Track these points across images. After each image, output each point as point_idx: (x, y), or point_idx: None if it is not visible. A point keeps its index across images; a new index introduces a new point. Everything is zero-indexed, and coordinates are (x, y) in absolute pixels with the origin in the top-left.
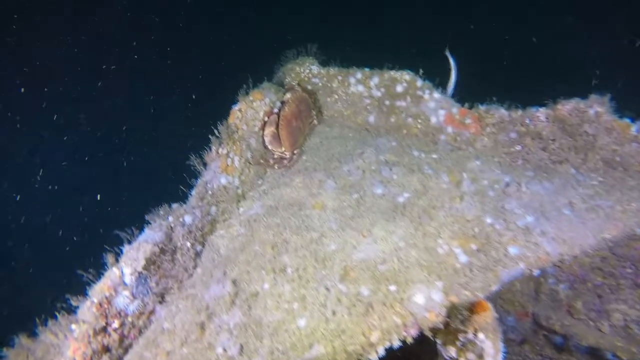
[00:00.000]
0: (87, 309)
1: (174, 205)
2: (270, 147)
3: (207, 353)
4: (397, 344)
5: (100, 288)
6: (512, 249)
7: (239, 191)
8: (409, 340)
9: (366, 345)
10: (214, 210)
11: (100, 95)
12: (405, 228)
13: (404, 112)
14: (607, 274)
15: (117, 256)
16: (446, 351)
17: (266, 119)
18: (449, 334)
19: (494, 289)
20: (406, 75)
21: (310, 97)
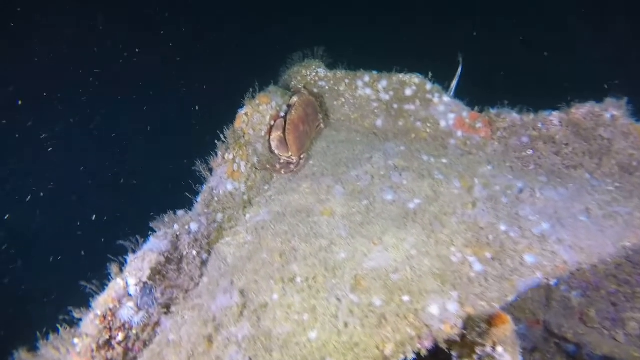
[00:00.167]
0: (91, 321)
1: (180, 213)
2: (277, 151)
3: None
4: (411, 357)
5: (104, 300)
6: (528, 258)
7: (245, 197)
8: (423, 353)
9: (380, 358)
10: (220, 217)
11: (103, 100)
12: (417, 235)
13: (412, 116)
14: (622, 281)
15: (122, 266)
16: None
17: (273, 123)
18: (465, 346)
19: (510, 300)
20: (415, 79)
21: (316, 100)
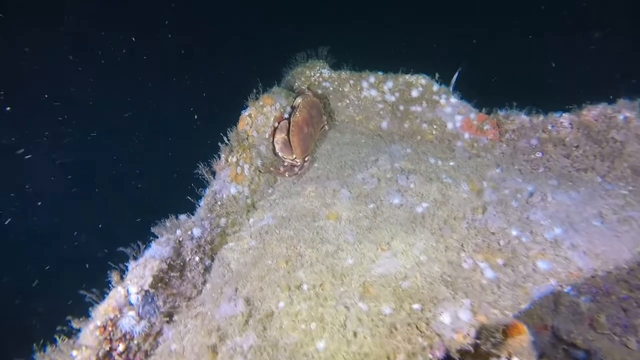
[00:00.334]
0: (90, 332)
1: (182, 217)
2: (280, 154)
3: None
4: None
5: (104, 309)
6: (541, 264)
7: (248, 201)
8: None
9: None
10: (223, 222)
11: (102, 101)
12: (426, 240)
13: (418, 118)
14: (634, 286)
15: (122, 274)
16: None
17: (276, 124)
18: (478, 357)
19: (524, 308)
20: (422, 80)
21: (320, 101)
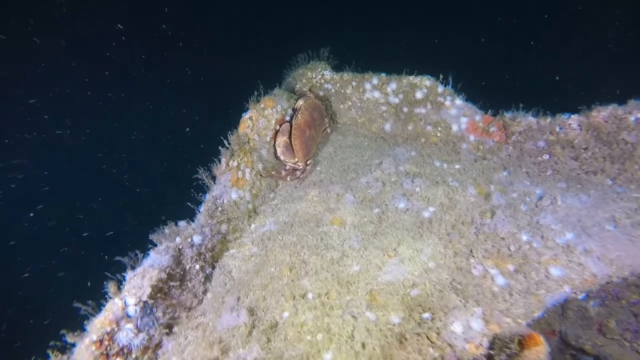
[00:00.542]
0: (86, 347)
1: (181, 224)
2: (282, 157)
3: None
4: None
5: (101, 322)
6: (554, 270)
7: (249, 206)
8: None
9: None
10: (224, 228)
11: (101, 102)
12: (434, 246)
13: (423, 120)
14: None
15: (120, 284)
16: None
17: (278, 127)
18: None
19: (537, 316)
20: (426, 81)
21: (322, 103)
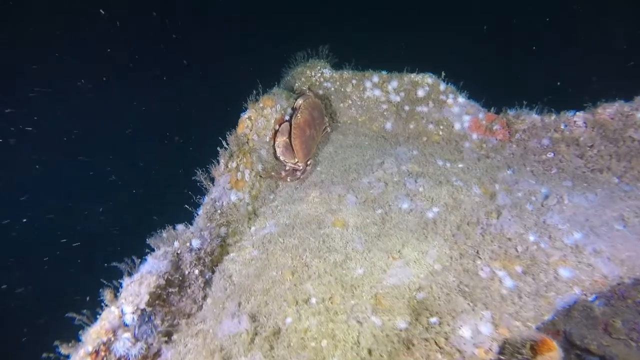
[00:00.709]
0: (80, 359)
1: (179, 228)
2: (282, 158)
3: None
4: None
5: (96, 332)
6: (563, 271)
7: (249, 208)
8: None
9: None
10: (223, 231)
11: (100, 103)
12: (439, 248)
13: (424, 118)
14: None
15: (116, 292)
16: None
17: (277, 127)
18: None
19: (547, 319)
20: (428, 79)
21: (322, 102)
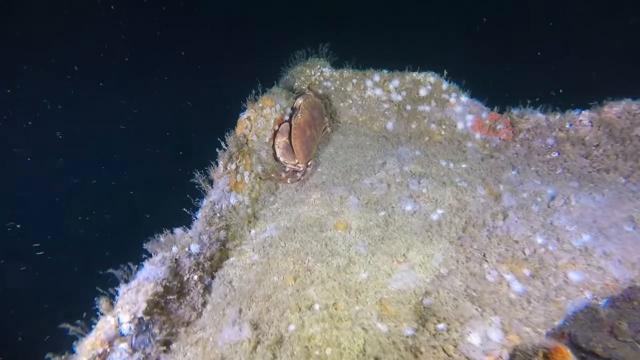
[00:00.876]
0: None
1: (177, 232)
2: (282, 159)
3: None
4: None
5: (92, 343)
6: (573, 275)
7: (249, 210)
8: None
9: None
10: (223, 235)
11: (98, 104)
12: (445, 251)
13: (427, 118)
14: None
15: (112, 300)
16: None
17: (277, 127)
18: None
19: (557, 324)
20: (431, 77)
21: (322, 102)
